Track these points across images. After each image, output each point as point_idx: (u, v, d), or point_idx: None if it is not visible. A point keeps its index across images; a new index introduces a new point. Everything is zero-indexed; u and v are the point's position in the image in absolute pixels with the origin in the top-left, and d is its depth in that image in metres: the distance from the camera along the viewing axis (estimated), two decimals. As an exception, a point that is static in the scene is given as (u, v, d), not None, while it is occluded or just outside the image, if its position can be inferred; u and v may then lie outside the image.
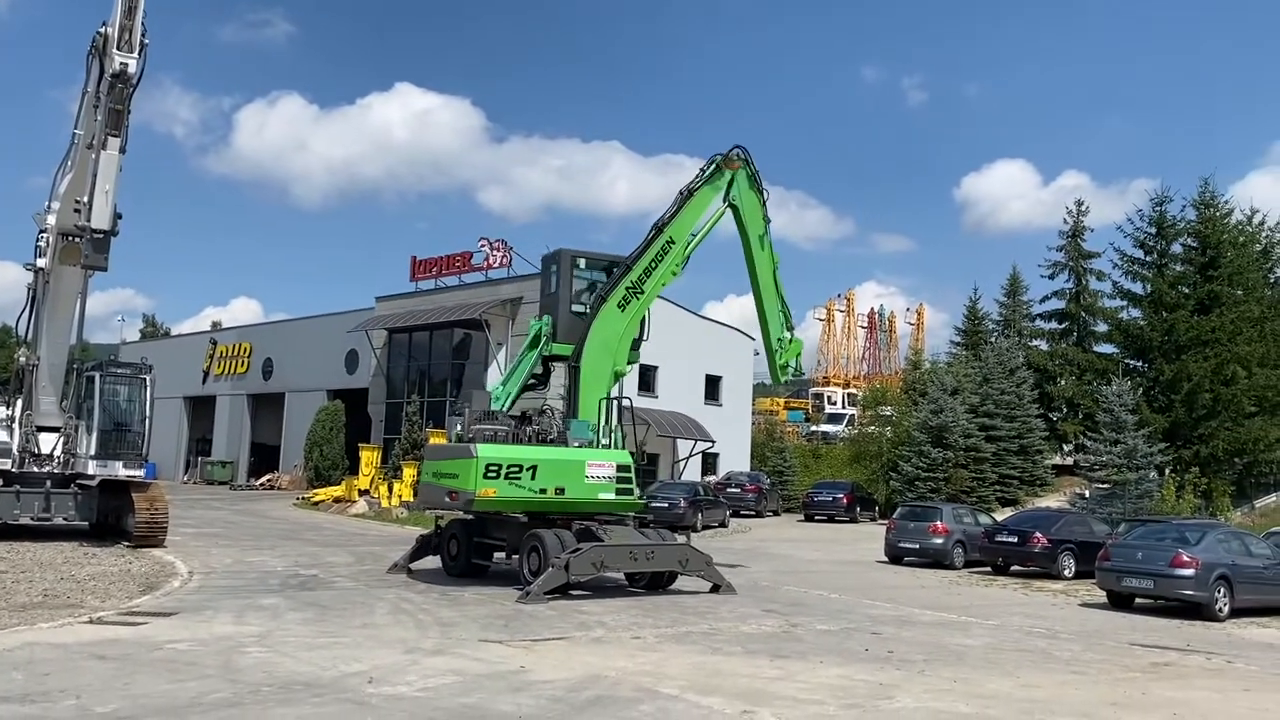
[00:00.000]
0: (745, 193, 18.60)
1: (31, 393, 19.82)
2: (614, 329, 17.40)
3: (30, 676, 8.27)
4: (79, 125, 18.31)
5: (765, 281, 19.10)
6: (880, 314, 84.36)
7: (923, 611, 16.10)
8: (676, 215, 18.02)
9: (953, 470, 38.02)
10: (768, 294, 19.14)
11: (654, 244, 17.82)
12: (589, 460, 16.23)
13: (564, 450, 16.28)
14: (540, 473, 15.77)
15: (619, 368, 17.55)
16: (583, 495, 16.13)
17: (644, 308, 17.79)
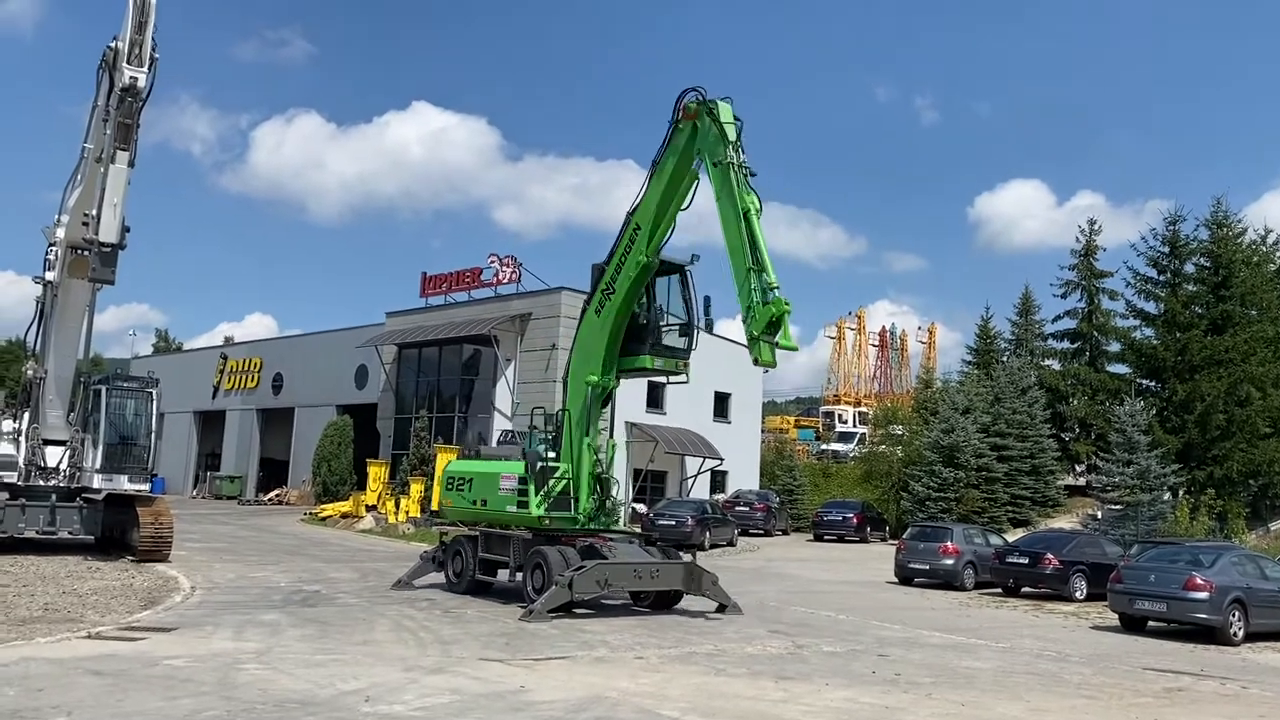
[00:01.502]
0: (707, 132, 15.08)
1: (38, 406, 19.83)
2: (591, 336, 16.44)
3: (23, 692, 8.16)
4: (88, 139, 18.37)
5: (729, 231, 14.57)
6: (892, 332, 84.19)
7: (932, 633, 15.88)
8: (643, 195, 16.05)
9: (964, 490, 37.72)
10: (732, 249, 14.50)
11: (624, 233, 16.13)
12: (501, 473, 16.59)
13: (488, 464, 17.19)
14: (473, 486, 17.03)
15: (591, 378, 16.21)
16: (496, 507, 16.52)
17: (619, 308, 16.01)
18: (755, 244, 13.88)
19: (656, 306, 16.83)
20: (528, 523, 16.07)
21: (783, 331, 13.75)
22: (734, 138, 14.70)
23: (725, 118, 14.80)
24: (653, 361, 16.60)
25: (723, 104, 14.94)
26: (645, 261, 15.74)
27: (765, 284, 13.64)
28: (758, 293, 13.70)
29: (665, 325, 16.94)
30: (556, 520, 16.08)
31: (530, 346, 38.78)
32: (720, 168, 14.61)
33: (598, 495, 16.50)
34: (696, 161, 15.35)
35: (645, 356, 16.56)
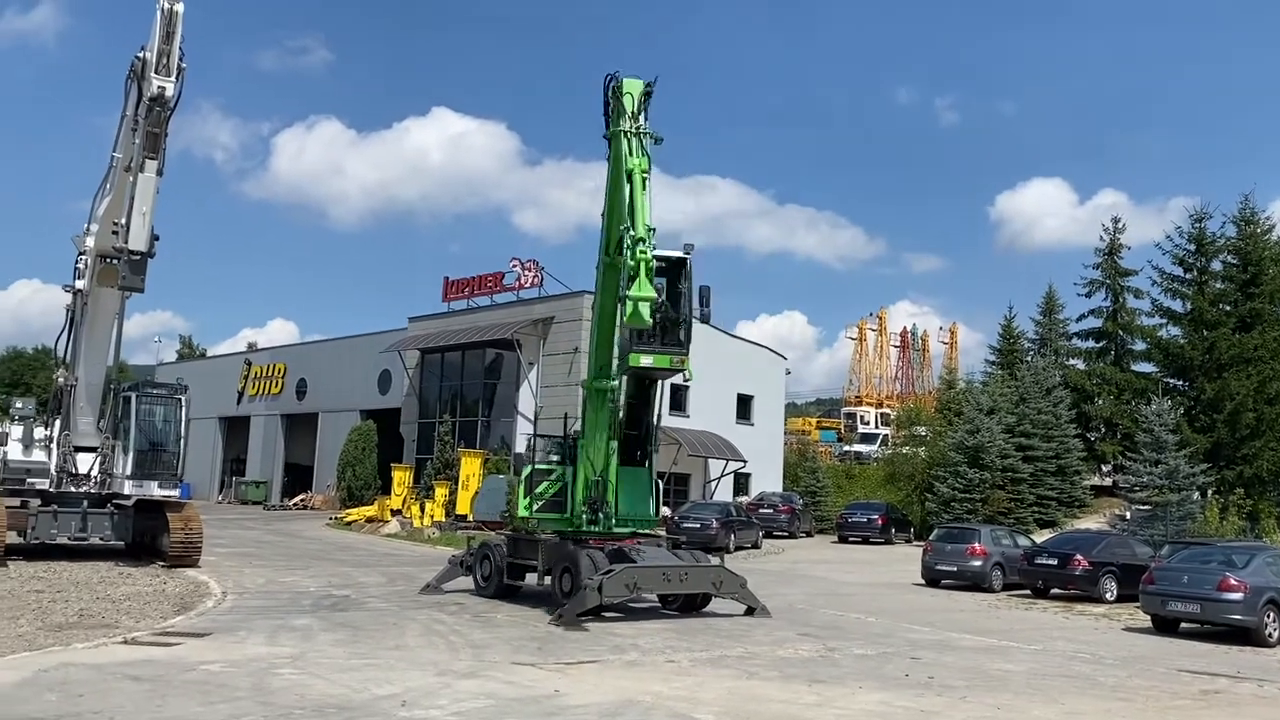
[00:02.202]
0: (613, 110, 14.95)
1: (69, 413, 20.00)
2: (591, 341, 16.60)
3: (64, 697, 8.24)
4: (117, 148, 18.54)
5: (613, 195, 14.80)
6: (913, 333, 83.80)
7: (962, 635, 15.78)
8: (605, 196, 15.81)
9: (989, 491, 37.48)
10: (612, 210, 14.89)
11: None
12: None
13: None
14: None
15: (591, 382, 16.31)
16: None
17: (600, 310, 16.11)
18: (633, 205, 13.55)
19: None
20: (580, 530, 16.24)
21: (638, 283, 12.94)
22: (630, 108, 14.41)
23: (627, 90, 14.63)
24: (639, 359, 15.75)
25: (629, 80, 14.72)
26: (606, 261, 15.56)
27: (631, 238, 13.28)
28: (628, 250, 13.31)
29: None
30: (545, 522, 16.54)
31: (553, 350, 38.82)
32: (615, 137, 14.62)
33: (594, 500, 16.22)
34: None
35: (633, 354, 15.94)
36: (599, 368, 16.21)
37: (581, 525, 16.18)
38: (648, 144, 14.25)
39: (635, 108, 14.20)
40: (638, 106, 14.24)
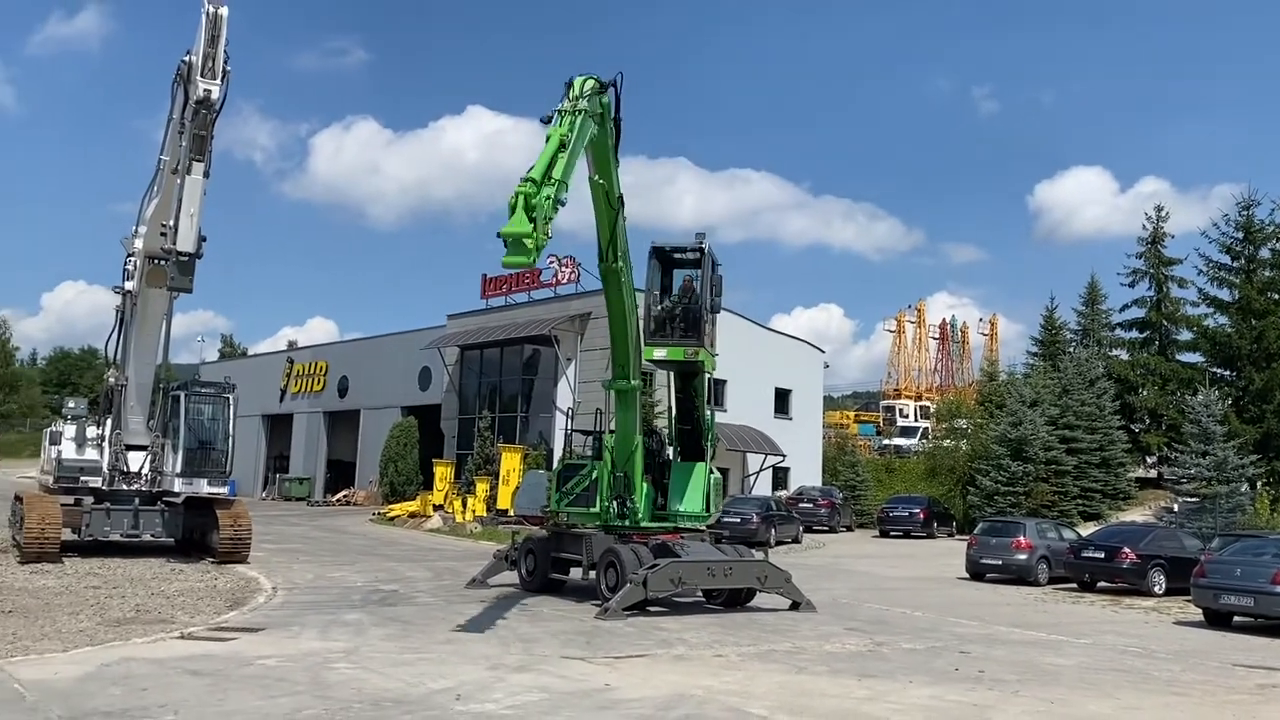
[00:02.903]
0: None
1: (120, 412, 20.32)
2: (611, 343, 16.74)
3: (128, 691, 8.41)
4: (164, 151, 18.80)
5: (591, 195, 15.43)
6: (952, 325, 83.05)
7: (1010, 629, 15.67)
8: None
9: (1033, 484, 37.12)
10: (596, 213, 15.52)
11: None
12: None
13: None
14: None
15: (605, 383, 16.78)
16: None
17: (610, 311, 16.21)
18: (542, 156, 12.73)
19: (654, 294, 16.93)
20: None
21: (512, 219, 11.90)
22: (571, 93, 13.84)
23: (576, 82, 14.08)
24: (652, 352, 16.65)
25: (578, 79, 14.23)
26: (602, 267, 15.58)
27: (523, 178, 12.36)
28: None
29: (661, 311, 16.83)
30: (576, 516, 16.80)
31: (590, 346, 38.90)
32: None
33: (619, 496, 16.28)
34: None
35: (647, 347, 16.78)
36: (619, 367, 16.25)
37: (610, 520, 16.29)
38: (585, 123, 13.54)
39: (578, 92, 13.88)
40: (580, 92, 13.88)
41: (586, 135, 13.65)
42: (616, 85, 14.65)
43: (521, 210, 11.87)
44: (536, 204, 11.84)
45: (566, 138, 12.98)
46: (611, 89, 14.56)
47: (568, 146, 12.89)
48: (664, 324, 16.73)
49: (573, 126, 13.17)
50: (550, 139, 12.93)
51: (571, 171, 12.97)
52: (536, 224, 11.77)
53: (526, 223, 11.70)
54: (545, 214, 12.01)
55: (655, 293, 16.97)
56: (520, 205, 11.88)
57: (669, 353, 16.52)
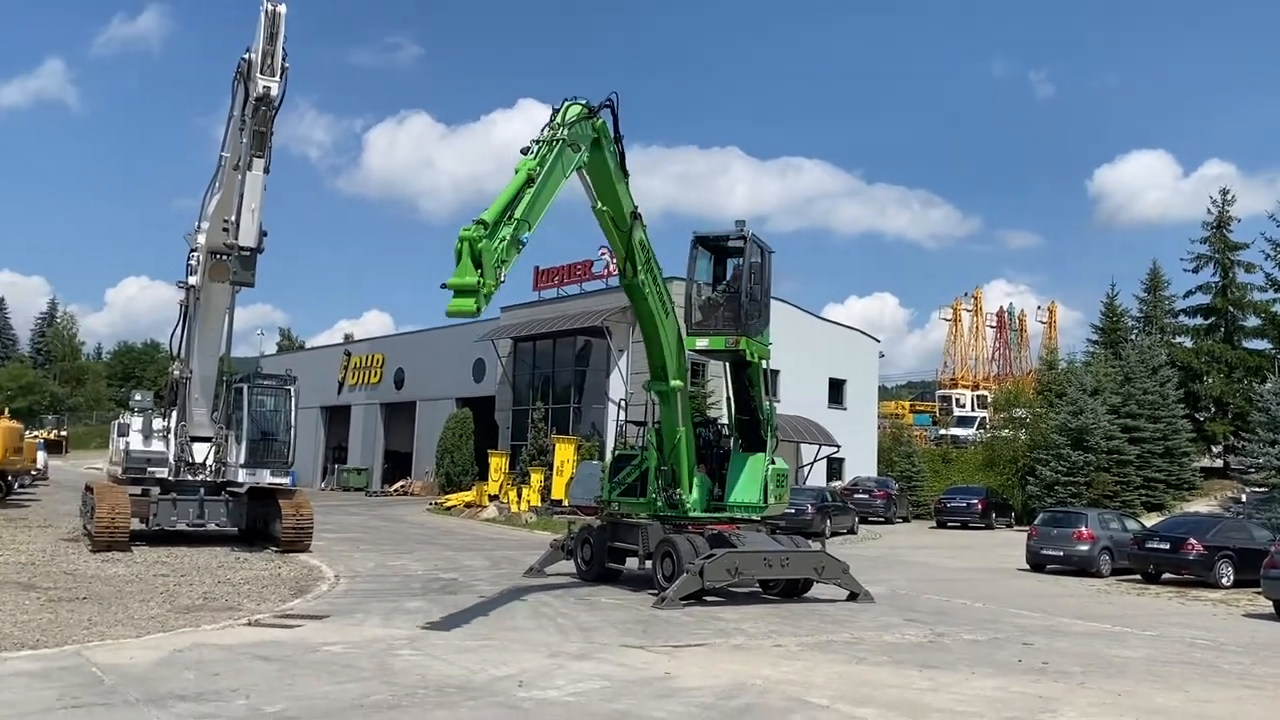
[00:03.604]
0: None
1: (185, 405, 20.75)
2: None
3: (201, 676, 8.62)
4: (225, 148, 19.14)
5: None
6: (1010, 313, 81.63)
7: (1073, 621, 15.44)
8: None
9: (1094, 474, 36.50)
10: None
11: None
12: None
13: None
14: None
15: (646, 385, 16.69)
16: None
17: (639, 318, 16.23)
18: (502, 193, 12.21)
19: (696, 284, 16.79)
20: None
21: (459, 267, 11.24)
22: (551, 124, 13.37)
23: (563, 110, 13.63)
24: (694, 342, 16.67)
25: (566, 105, 13.70)
26: (622, 282, 15.48)
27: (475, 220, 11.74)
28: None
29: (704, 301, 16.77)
30: (626, 505, 16.93)
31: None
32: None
33: (665, 487, 16.27)
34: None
35: (688, 337, 16.72)
36: (656, 369, 16.12)
37: (662, 511, 16.32)
38: (561, 154, 12.92)
39: (560, 120, 13.30)
40: (562, 120, 13.35)
41: (568, 165, 13.10)
42: (613, 105, 14.32)
43: (466, 259, 11.25)
44: (483, 250, 11.16)
45: (535, 172, 12.39)
46: (607, 110, 14.24)
47: (536, 181, 12.29)
48: (709, 313, 16.70)
49: (544, 160, 12.58)
50: (517, 173, 12.38)
51: (543, 206, 12.45)
52: (485, 271, 11.11)
53: (472, 273, 11.11)
54: (497, 258, 11.38)
55: (698, 282, 16.89)
56: (465, 253, 11.26)
57: (710, 342, 16.50)
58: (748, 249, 16.48)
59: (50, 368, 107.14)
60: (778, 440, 17.49)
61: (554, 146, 12.89)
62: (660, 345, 15.81)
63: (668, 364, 15.85)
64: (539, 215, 12.43)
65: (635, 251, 14.96)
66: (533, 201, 12.17)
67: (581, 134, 13.46)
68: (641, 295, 15.31)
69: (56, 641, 9.89)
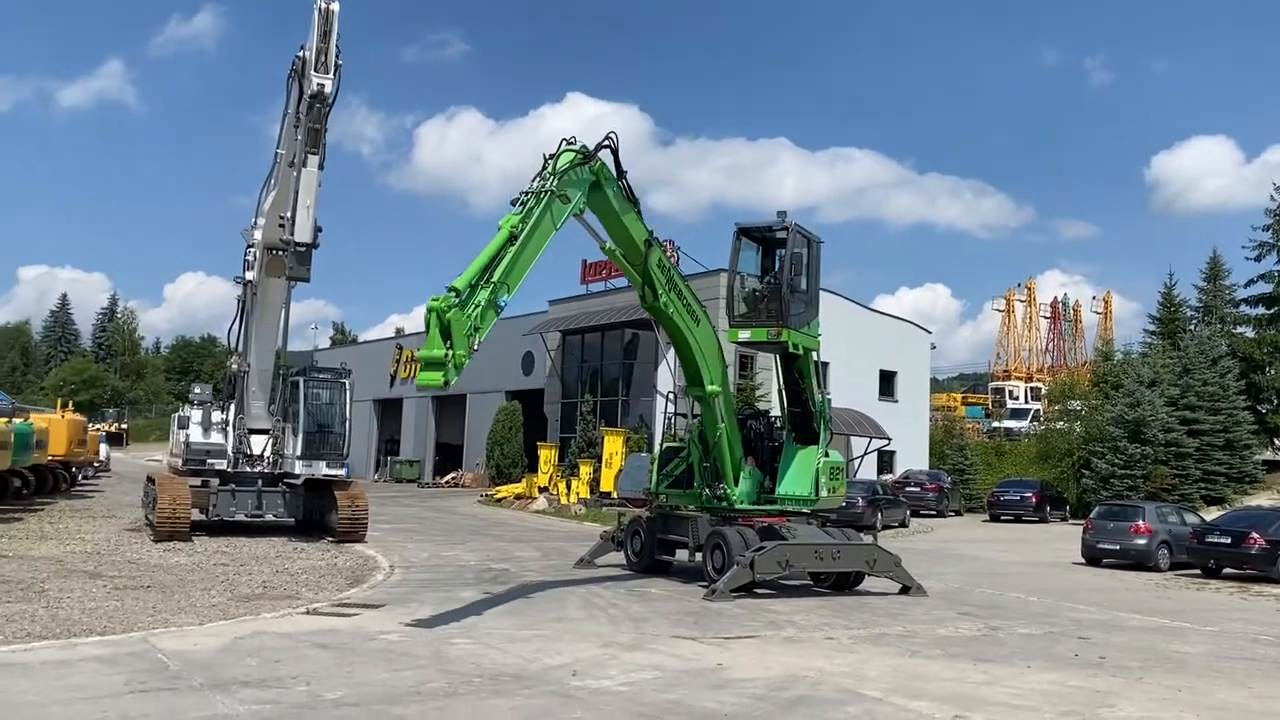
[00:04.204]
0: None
1: (243, 398, 21.14)
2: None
3: (263, 663, 8.82)
4: (281, 145, 19.41)
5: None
6: (1064, 303, 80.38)
7: (1130, 615, 15.21)
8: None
9: (1151, 467, 35.84)
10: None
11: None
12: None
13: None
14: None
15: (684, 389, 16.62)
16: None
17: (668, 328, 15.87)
18: (480, 256, 12.00)
19: (738, 276, 16.69)
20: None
21: (429, 338, 11.01)
22: (543, 173, 13.06)
23: (560, 156, 13.30)
24: (736, 335, 16.67)
25: (561, 153, 13.39)
26: (644, 306, 15.15)
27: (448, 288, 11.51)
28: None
29: (746, 292, 16.70)
30: (674, 497, 17.03)
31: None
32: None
33: (708, 483, 16.31)
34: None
35: (731, 330, 16.75)
36: (692, 375, 15.98)
37: (709, 503, 16.33)
38: (549, 207, 12.65)
39: (551, 170, 12.94)
40: (553, 170, 12.94)
41: (558, 217, 12.78)
42: (612, 145, 14.01)
43: (435, 330, 10.94)
44: (452, 320, 10.87)
45: (518, 229, 12.04)
46: (608, 150, 13.94)
47: (519, 239, 11.97)
48: (752, 305, 16.64)
49: (529, 215, 12.28)
50: (500, 229, 12.02)
51: (527, 265, 12.18)
52: (454, 342, 10.86)
53: (440, 345, 10.85)
54: (469, 327, 11.09)
55: (741, 274, 16.81)
56: (434, 324, 10.95)
57: (753, 334, 16.44)
58: (790, 239, 16.36)
59: (111, 362, 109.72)
60: (831, 433, 17.36)
61: (541, 199, 12.58)
62: (692, 353, 15.61)
63: (703, 371, 15.68)
64: (522, 275, 12.19)
65: (654, 276, 14.68)
66: (514, 262, 11.90)
67: (577, 180, 13.17)
68: (666, 316, 15.14)
69: (123, 628, 10.16)
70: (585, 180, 13.44)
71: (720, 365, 16.02)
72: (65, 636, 9.61)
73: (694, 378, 15.87)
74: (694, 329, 15.52)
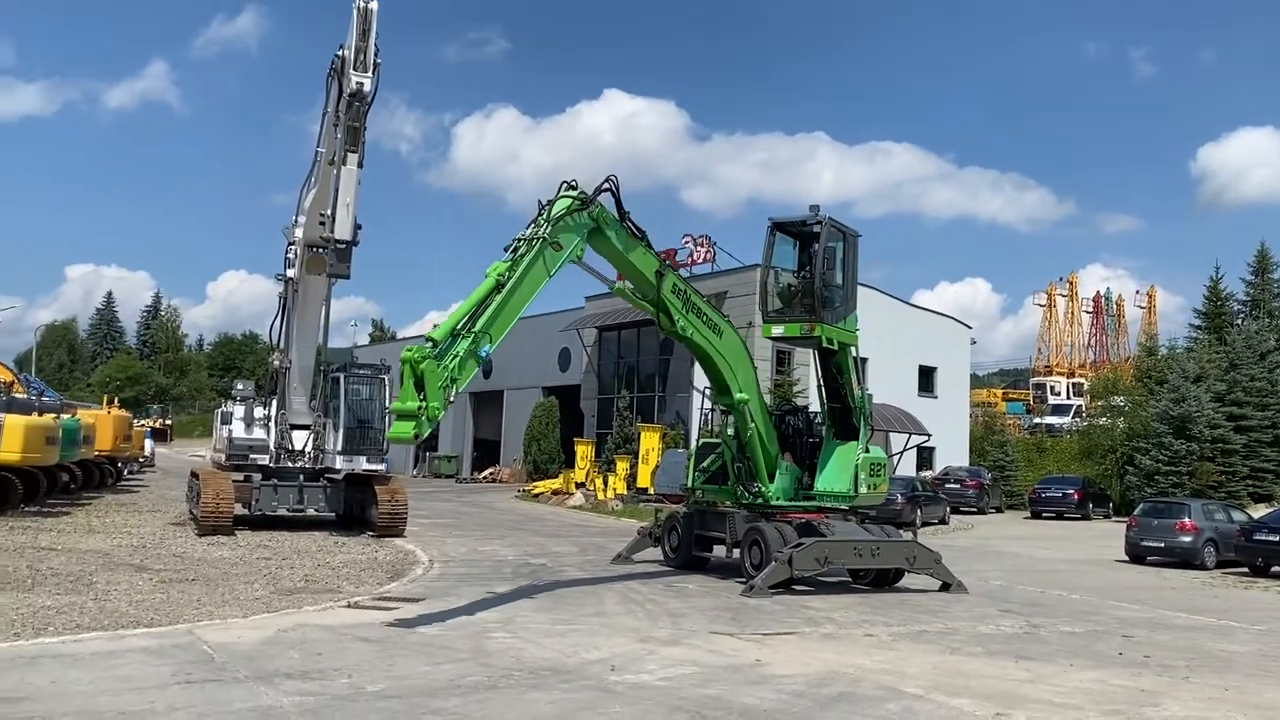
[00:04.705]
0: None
1: (284, 393, 21.38)
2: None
3: (305, 655, 8.92)
4: (321, 143, 19.59)
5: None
6: (1107, 298, 79.19)
7: (1176, 614, 14.99)
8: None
9: (1197, 464, 35.27)
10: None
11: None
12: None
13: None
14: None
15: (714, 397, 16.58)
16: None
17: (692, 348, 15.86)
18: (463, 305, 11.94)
19: (772, 271, 16.58)
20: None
21: (402, 390, 10.95)
22: (537, 220, 12.92)
23: (558, 203, 13.15)
24: (770, 330, 16.60)
25: (559, 199, 13.24)
26: (666, 332, 15.05)
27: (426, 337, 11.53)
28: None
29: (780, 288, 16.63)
30: (710, 493, 17.05)
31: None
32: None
33: (741, 482, 16.29)
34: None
35: (765, 325, 16.69)
36: (718, 385, 15.82)
37: (742, 498, 16.31)
38: (540, 254, 12.47)
39: (545, 216, 12.78)
40: (547, 216, 12.77)
41: (552, 264, 12.62)
42: (613, 188, 13.79)
43: (408, 382, 10.78)
44: (425, 372, 10.70)
45: (504, 277, 11.83)
46: (608, 193, 13.76)
47: (505, 287, 11.79)
48: (786, 300, 16.56)
49: (517, 263, 12.07)
50: (487, 278, 11.83)
51: (514, 314, 12.01)
52: (428, 394, 10.70)
53: (413, 397, 10.69)
54: (445, 379, 10.91)
55: (776, 269, 16.71)
56: (407, 377, 10.79)
57: (786, 329, 16.36)
58: (824, 233, 16.23)
59: (155, 359, 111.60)
60: (872, 429, 17.25)
61: (533, 246, 12.33)
62: (717, 366, 15.44)
63: (729, 380, 15.53)
64: (507, 325, 12.01)
65: (668, 303, 14.53)
66: (498, 311, 11.73)
67: (574, 226, 13.01)
68: (686, 338, 14.98)
69: (169, 620, 10.32)
70: (584, 225, 13.21)
71: (748, 370, 15.83)
72: (113, 628, 9.79)
73: (722, 388, 15.76)
74: (716, 342, 15.32)
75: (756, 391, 16.03)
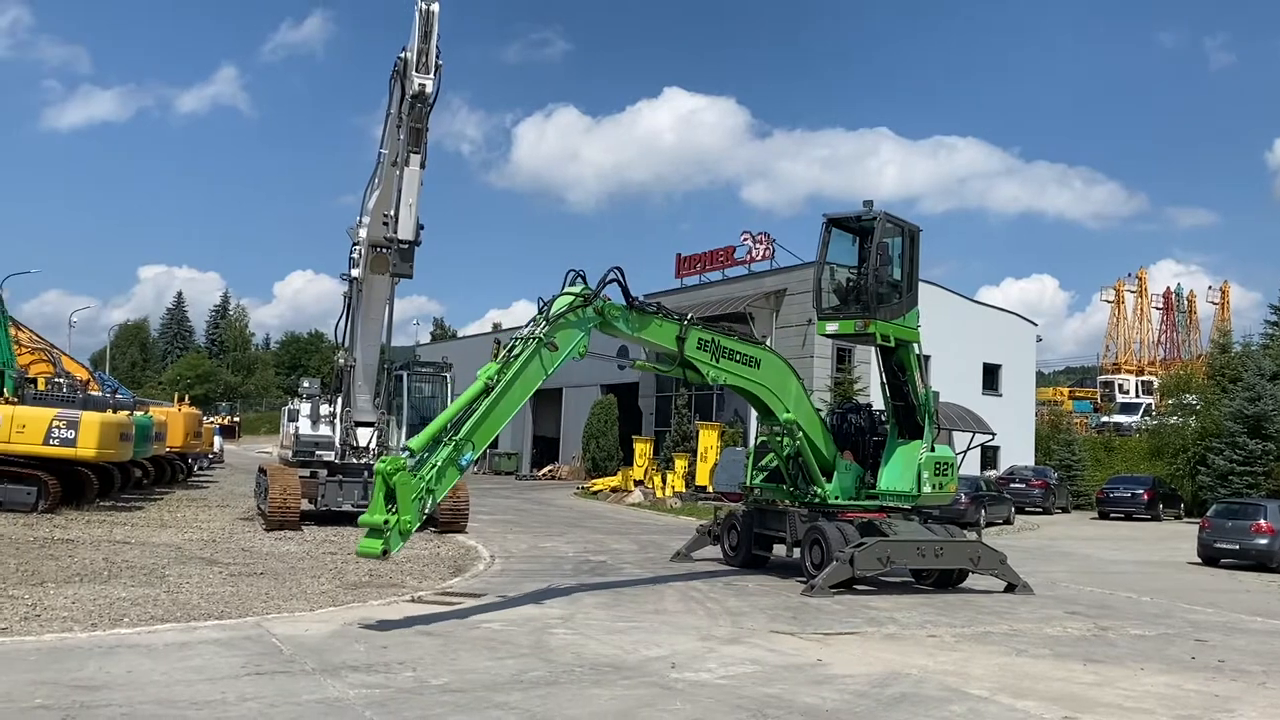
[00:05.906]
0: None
1: (349, 391, 21.74)
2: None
3: (370, 649, 9.07)
4: (384, 145, 19.87)
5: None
6: (1178, 294, 77.25)
7: (1251, 618, 14.56)
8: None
9: (1274, 464, 34.24)
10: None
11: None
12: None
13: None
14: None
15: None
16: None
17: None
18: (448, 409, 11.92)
19: (830, 267, 16.36)
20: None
21: (372, 503, 10.69)
22: (536, 318, 12.83)
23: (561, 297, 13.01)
24: (824, 327, 16.48)
25: (560, 297, 13.02)
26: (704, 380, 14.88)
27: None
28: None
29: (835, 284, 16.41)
30: (769, 492, 16.98)
31: (785, 323, 38.61)
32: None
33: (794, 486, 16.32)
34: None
35: (819, 322, 16.58)
36: (762, 411, 15.72)
37: (801, 497, 16.22)
38: (535, 354, 12.30)
39: (543, 315, 12.66)
40: (545, 315, 12.63)
41: (550, 364, 12.46)
42: (619, 279, 13.32)
43: (379, 494, 10.49)
44: (398, 485, 10.45)
45: (494, 380, 11.65)
46: (615, 284, 13.33)
47: (494, 390, 11.60)
48: (842, 296, 16.40)
49: (509, 365, 11.95)
50: (476, 380, 11.68)
51: (502, 419, 11.77)
52: (400, 507, 10.41)
53: (382, 511, 10.43)
54: (420, 490, 10.60)
55: (831, 265, 16.49)
56: (378, 489, 10.53)
57: (840, 326, 16.19)
58: (878, 228, 16.00)
59: (224, 358, 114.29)
60: (938, 428, 17.01)
61: (527, 347, 12.16)
62: (758, 396, 15.32)
63: (772, 405, 15.36)
64: (493, 431, 11.78)
65: (695, 361, 14.35)
66: (484, 416, 11.49)
67: (578, 322, 12.81)
68: (721, 380, 14.86)
69: (239, 613, 10.56)
70: (589, 320, 13.01)
71: (792, 387, 15.58)
72: (185, 620, 10.05)
73: (766, 413, 15.67)
74: (756, 375, 15.12)
75: (806, 402, 15.91)
